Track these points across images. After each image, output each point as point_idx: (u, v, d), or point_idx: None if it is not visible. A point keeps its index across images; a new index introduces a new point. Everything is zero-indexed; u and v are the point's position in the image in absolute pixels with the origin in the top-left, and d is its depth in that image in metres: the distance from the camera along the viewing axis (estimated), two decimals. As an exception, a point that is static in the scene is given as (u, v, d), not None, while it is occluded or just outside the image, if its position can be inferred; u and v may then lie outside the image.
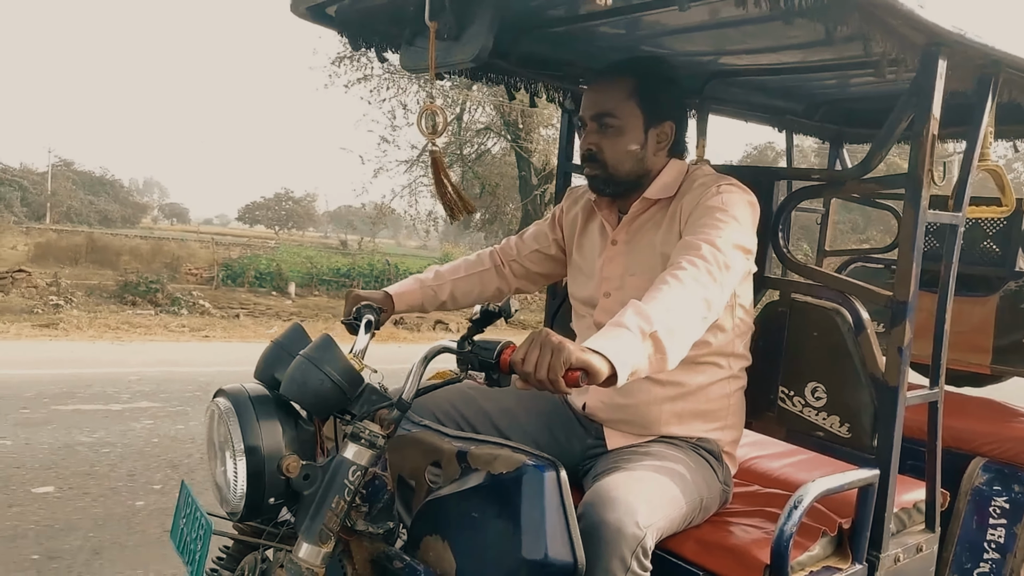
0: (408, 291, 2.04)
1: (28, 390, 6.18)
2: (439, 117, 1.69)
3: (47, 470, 4.39)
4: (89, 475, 4.36)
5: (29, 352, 8.30)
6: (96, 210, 45.22)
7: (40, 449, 4.74)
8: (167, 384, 6.87)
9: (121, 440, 5.06)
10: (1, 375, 6.75)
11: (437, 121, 1.69)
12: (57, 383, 6.53)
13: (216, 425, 1.41)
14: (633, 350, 1.33)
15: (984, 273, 3.00)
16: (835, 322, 1.86)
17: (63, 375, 6.95)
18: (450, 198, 1.82)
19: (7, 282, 15.27)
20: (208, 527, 1.35)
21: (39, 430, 5.14)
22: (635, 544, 1.43)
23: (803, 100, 2.91)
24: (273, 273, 18.09)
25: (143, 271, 16.01)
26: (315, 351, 1.42)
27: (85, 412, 5.72)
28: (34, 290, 14.61)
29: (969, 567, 2.54)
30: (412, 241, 56.18)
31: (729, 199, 1.70)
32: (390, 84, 16.99)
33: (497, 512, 1.41)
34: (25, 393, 6.08)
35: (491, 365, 1.36)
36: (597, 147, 1.83)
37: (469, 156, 19.09)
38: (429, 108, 1.68)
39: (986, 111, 1.80)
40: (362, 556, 1.53)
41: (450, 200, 1.82)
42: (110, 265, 19.26)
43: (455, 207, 1.85)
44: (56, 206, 41.94)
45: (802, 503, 1.55)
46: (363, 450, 1.40)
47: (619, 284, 1.87)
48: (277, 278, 17.85)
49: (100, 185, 50.01)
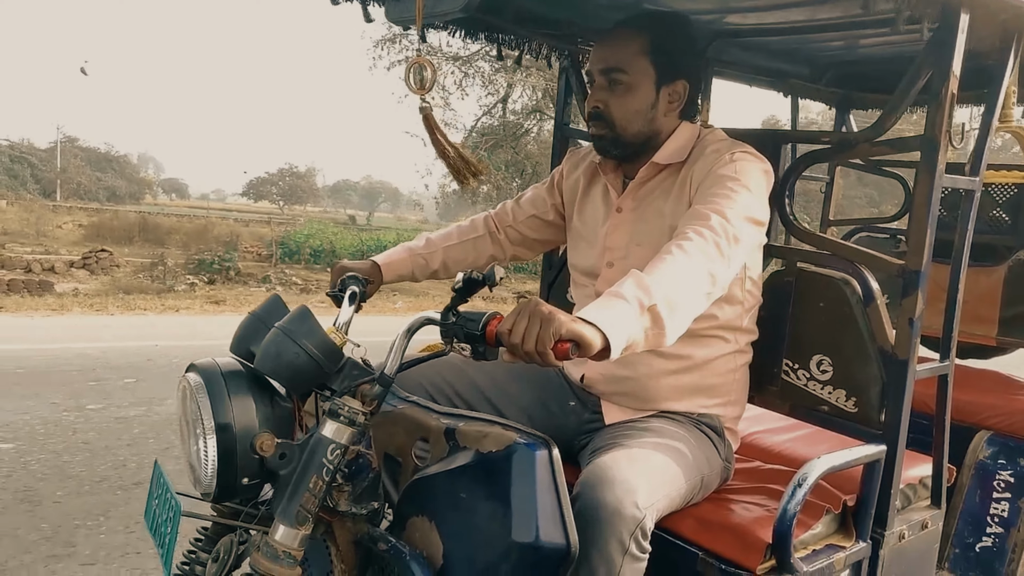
0: (397, 260, 1.95)
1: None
2: (427, 71, 1.58)
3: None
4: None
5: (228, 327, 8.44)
6: (104, 186, 45.13)
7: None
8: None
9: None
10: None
11: (426, 76, 1.58)
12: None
13: (187, 402, 1.32)
14: (629, 323, 1.25)
15: (992, 242, 2.92)
16: (843, 292, 1.78)
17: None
18: (453, 160, 1.70)
19: (92, 261, 15.64)
20: (178, 508, 1.27)
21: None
22: (634, 526, 1.36)
23: (809, 63, 2.80)
24: (326, 250, 18.21)
25: (203, 249, 16.16)
26: (290, 323, 1.33)
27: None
28: (129, 268, 14.87)
29: (971, 541, 2.49)
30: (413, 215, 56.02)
31: (743, 167, 1.60)
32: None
33: (486, 492, 1.34)
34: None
35: (477, 337, 1.27)
36: (604, 104, 1.72)
37: (517, 135, 19.53)
38: (418, 61, 1.57)
39: (1008, 68, 1.70)
40: (345, 537, 1.45)
41: (454, 163, 1.71)
42: (160, 243, 19.44)
43: (460, 170, 1.74)
44: (66, 183, 41.85)
45: (807, 481, 1.48)
46: (342, 427, 1.32)
47: (624, 254, 1.77)
48: (330, 255, 17.95)
49: (106, 161, 49.84)
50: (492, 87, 18.08)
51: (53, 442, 4.35)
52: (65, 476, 3.86)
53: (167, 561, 1.27)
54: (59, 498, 3.60)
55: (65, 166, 43.22)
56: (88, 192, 42.17)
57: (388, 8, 1.66)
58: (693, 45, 1.78)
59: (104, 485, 3.79)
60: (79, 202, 35.57)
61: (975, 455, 2.53)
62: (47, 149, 44.75)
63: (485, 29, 2.24)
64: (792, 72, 2.83)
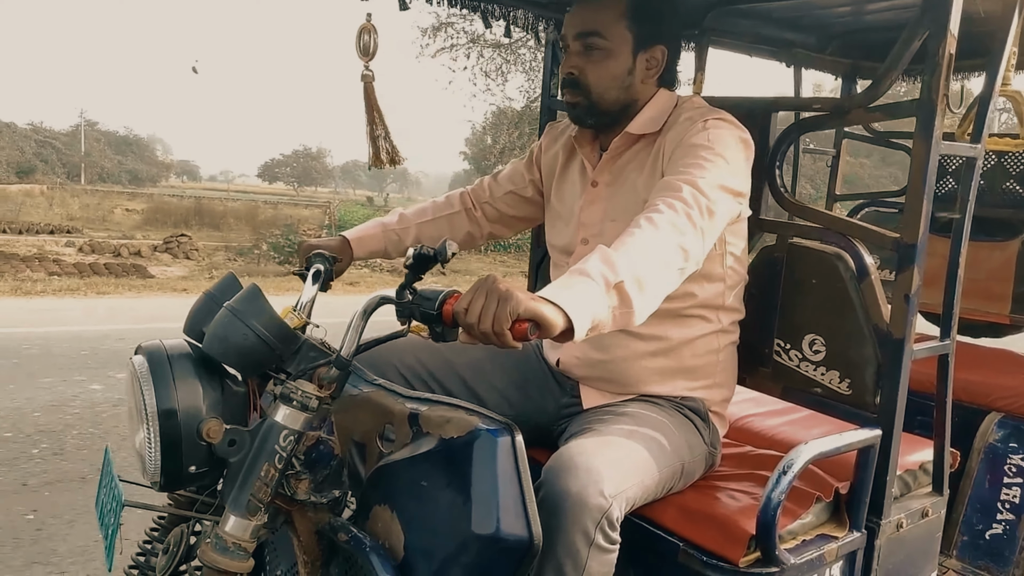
0: (369, 235, 1.87)
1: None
2: (371, 37, 1.50)
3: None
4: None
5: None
6: (125, 169, 45.70)
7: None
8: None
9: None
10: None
11: (368, 41, 1.50)
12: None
13: (132, 386, 1.26)
14: (594, 301, 1.17)
15: (1005, 216, 2.80)
16: (836, 268, 1.68)
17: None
18: (377, 138, 1.62)
19: (173, 246, 16.29)
20: (120, 498, 1.21)
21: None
22: (599, 515, 1.28)
23: (814, 32, 2.68)
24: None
25: (270, 233, 16.46)
26: (240, 303, 1.26)
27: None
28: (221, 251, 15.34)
29: (981, 528, 2.40)
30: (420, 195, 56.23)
31: (717, 135, 1.51)
32: (469, 53, 18.43)
33: (447, 481, 1.26)
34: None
35: (433, 317, 1.19)
36: (580, 71, 1.63)
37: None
38: (366, 27, 1.49)
39: (1012, 29, 1.59)
40: (306, 527, 1.39)
41: (377, 140, 1.63)
42: (215, 227, 19.67)
43: (380, 151, 1.66)
44: (90, 167, 42.39)
45: (792, 468, 1.40)
46: (296, 413, 1.25)
47: (598, 230, 1.69)
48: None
49: (125, 144, 50.42)
50: (532, 73, 18.21)
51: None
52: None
53: (109, 552, 1.22)
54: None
55: (89, 150, 43.75)
56: (111, 175, 42.70)
57: None
58: (674, 8, 1.68)
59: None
60: (115, 186, 36.20)
61: (985, 438, 2.43)
62: (68, 132, 45.25)
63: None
64: (796, 41, 2.71)
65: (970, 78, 2.55)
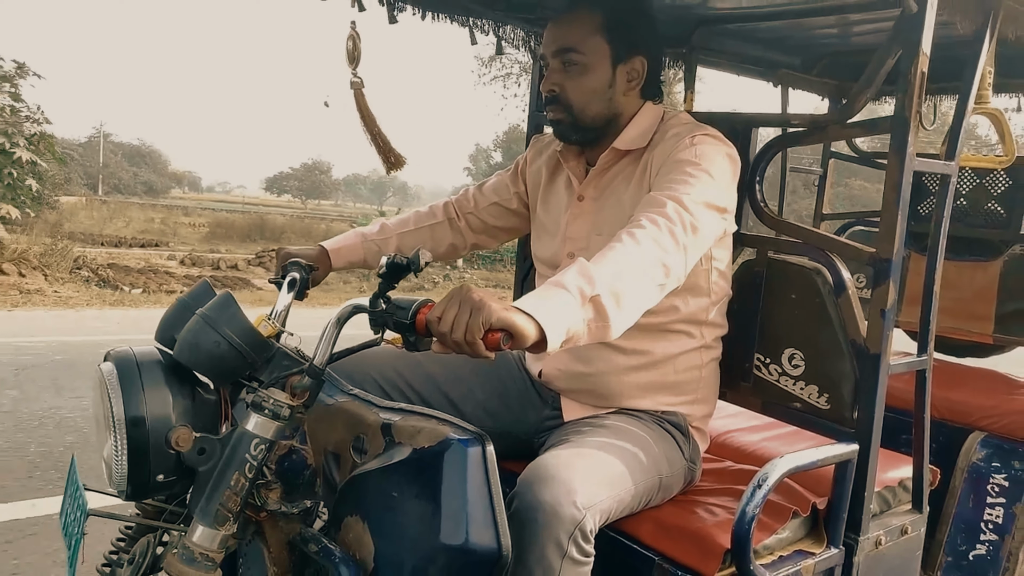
0: (347, 246, 1.87)
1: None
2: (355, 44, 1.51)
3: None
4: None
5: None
6: (141, 181, 45.91)
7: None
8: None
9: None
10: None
11: (349, 48, 1.51)
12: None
13: (100, 393, 1.25)
14: (568, 313, 1.17)
15: (987, 236, 2.81)
16: (814, 283, 1.69)
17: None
18: (380, 145, 1.64)
19: (266, 260, 16.72)
20: (84, 507, 1.20)
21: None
22: (572, 526, 1.27)
23: (800, 52, 2.71)
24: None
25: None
26: (211, 310, 1.26)
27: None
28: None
29: (964, 549, 2.38)
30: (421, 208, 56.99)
31: (703, 151, 1.52)
32: (521, 80, 20.47)
33: (417, 491, 1.25)
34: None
35: (406, 326, 1.19)
36: (560, 87, 1.64)
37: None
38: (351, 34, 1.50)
39: (984, 48, 1.61)
40: (277, 538, 1.37)
41: (379, 145, 1.64)
42: (276, 240, 19.96)
43: (385, 156, 1.67)
44: (108, 178, 42.58)
45: (767, 481, 1.40)
46: (267, 421, 1.24)
47: (584, 244, 1.69)
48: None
49: (139, 156, 50.67)
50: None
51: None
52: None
53: (72, 563, 1.20)
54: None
55: (107, 161, 43.93)
56: (127, 187, 42.88)
57: None
58: (649, 19, 1.69)
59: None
60: (131, 197, 36.29)
61: (968, 457, 2.42)
62: (83, 143, 45.38)
63: (456, 11, 2.16)
64: (782, 62, 2.74)
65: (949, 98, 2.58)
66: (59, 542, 1.41)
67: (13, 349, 5.96)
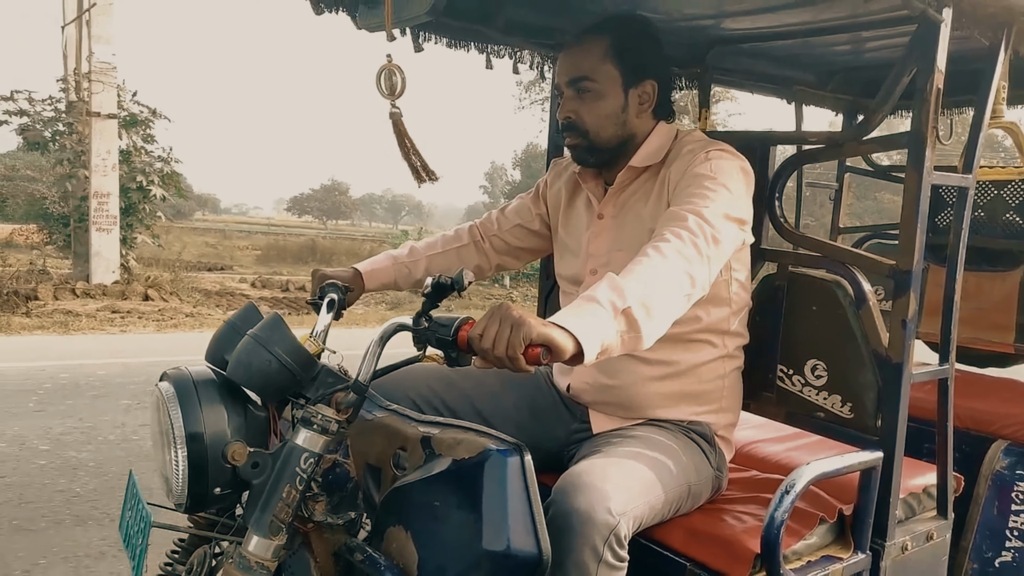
0: (380, 268, 1.94)
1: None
2: (397, 76, 1.59)
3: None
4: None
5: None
6: (169, 204, 46.55)
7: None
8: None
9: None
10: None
11: (395, 81, 1.59)
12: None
13: (159, 411, 1.32)
14: (603, 326, 1.23)
15: (1007, 247, 2.84)
16: (835, 295, 1.74)
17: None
18: (414, 162, 1.72)
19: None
20: (148, 519, 1.26)
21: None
22: (607, 532, 1.33)
23: (814, 69, 2.76)
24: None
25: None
26: (262, 330, 1.32)
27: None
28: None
29: (990, 556, 2.40)
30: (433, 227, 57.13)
31: (719, 166, 1.58)
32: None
33: (458, 500, 1.31)
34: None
35: (448, 343, 1.25)
36: (576, 114, 1.71)
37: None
38: (388, 67, 1.58)
39: (998, 64, 1.66)
40: (323, 548, 1.43)
41: (414, 164, 1.73)
42: (326, 262, 20.47)
43: (419, 171, 1.76)
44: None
45: (795, 487, 1.44)
46: (316, 436, 1.31)
47: (606, 260, 1.75)
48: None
49: (168, 177, 51.53)
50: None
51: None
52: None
53: (138, 572, 1.27)
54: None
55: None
56: (162, 210, 43.53)
57: (361, 15, 1.67)
58: (656, 43, 1.76)
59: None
60: (181, 221, 36.75)
61: (991, 465, 2.45)
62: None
63: (475, 39, 2.24)
64: (797, 79, 2.79)
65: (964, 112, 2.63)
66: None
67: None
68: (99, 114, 11.68)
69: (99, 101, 11.64)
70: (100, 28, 11.57)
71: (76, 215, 12.26)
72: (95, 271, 11.86)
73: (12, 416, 5.08)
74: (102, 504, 3.69)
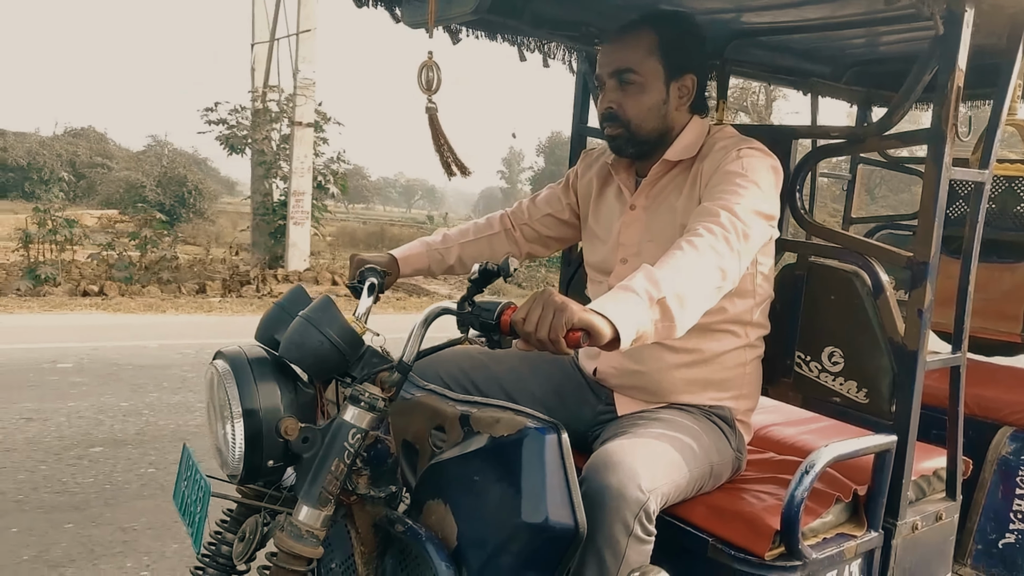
0: (414, 254, 2.01)
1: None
2: (434, 73, 1.65)
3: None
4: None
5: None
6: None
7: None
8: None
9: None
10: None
11: (432, 77, 1.65)
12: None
13: (215, 388, 1.39)
14: (639, 315, 1.30)
15: (1016, 239, 2.90)
16: (853, 285, 1.80)
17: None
18: (447, 156, 1.79)
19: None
20: (207, 489, 1.34)
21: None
22: (638, 508, 1.40)
23: (830, 62, 2.81)
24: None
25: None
26: (314, 312, 1.39)
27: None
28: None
29: (994, 537, 2.48)
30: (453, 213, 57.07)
31: (750, 163, 1.64)
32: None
33: (498, 475, 1.39)
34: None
35: (491, 326, 1.32)
36: (618, 105, 1.77)
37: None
38: (428, 63, 1.64)
39: (1016, 63, 1.71)
40: (364, 520, 1.51)
41: (447, 158, 1.79)
42: (396, 247, 20.68)
43: (451, 165, 1.82)
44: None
45: (814, 467, 1.52)
46: (363, 413, 1.38)
47: (636, 250, 1.82)
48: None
49: (195, 164, 51.23)
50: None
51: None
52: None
53: (197, 539, 1.34)
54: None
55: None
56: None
57: (404, 12, 1.73)
58: (699, 40, 1.82)
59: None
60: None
61: (997, 451, 2.52)
62: (139, 153, 45.60)
63: (505, 32, 2.30)
64: (813, 71, 2.83)
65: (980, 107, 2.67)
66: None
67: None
68: (301, 123, 13.07)
69: (301, 112, 12.98)
70: (305, 50, 12.71)
71: (275, 212, 13.62)
72: (291, 260, 13.19)
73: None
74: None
